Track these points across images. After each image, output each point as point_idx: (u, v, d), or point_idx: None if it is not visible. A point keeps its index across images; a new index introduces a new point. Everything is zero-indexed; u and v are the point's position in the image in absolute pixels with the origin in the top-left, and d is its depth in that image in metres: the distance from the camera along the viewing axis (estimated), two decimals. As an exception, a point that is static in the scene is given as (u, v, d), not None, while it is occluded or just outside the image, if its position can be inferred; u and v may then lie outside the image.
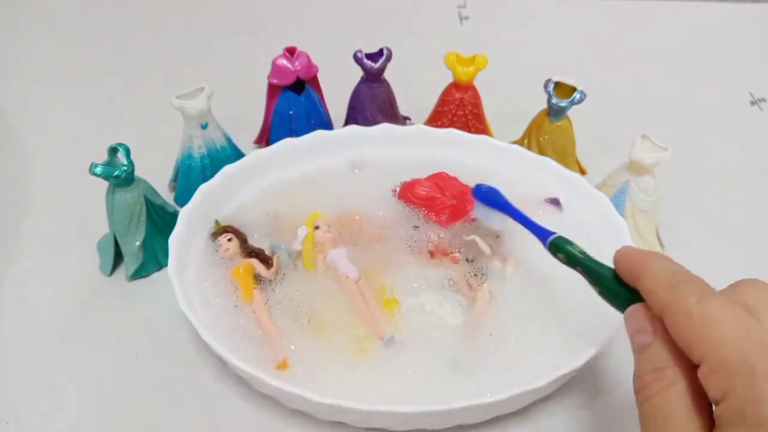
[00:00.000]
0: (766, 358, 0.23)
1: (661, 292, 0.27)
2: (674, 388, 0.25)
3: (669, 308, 0.26)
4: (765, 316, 0.25)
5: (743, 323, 0.24)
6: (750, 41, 0.75)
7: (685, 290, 0.26)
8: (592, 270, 0.32)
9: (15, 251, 0.48)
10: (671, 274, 0.27)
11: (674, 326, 0.26)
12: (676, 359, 0.25)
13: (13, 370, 0.40)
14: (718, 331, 0.24)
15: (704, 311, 0.25)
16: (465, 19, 0.76)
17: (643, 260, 0.29)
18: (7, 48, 0.71)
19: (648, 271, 0.28)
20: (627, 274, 0.30)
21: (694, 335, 0.24)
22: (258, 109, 0.55)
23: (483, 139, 0.50)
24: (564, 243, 0.35)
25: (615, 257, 0.31)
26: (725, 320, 0.24)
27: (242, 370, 0.35)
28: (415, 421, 0.35)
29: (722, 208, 0.53)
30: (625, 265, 0.30)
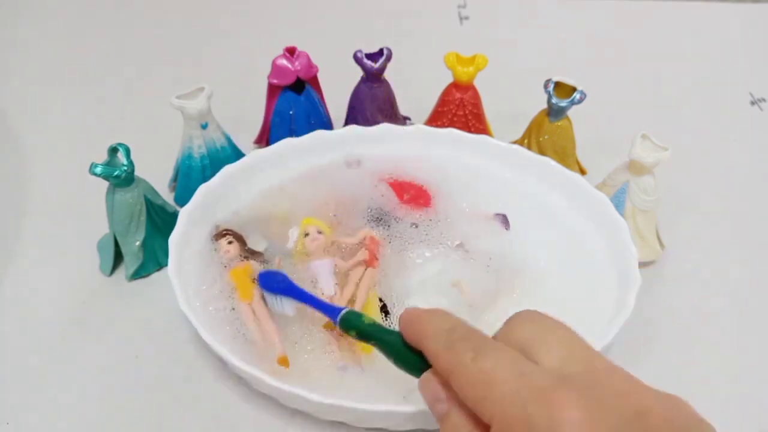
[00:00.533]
0: (542, 409, 0.22)
1: (441, 353, 0.26)
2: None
3: (450, 372, 0.26)
4: (540, 350, 0.25)
5: (516, 370, 0.24)
6: (750, 41, 0.75)
7: (461, 349, 0.26)
8: (382, 340, 0.31)
9: (15, 251, 0.48)
10: (447, 332, 0.27)
11: (459, 389, 0.25)
12: (475, 422, 0.25)
13: (13, 370, 0.40)
14: (495, 388, 0.24)
15: (480, 369, 0.24)
16: (465, 19, 0.76)
17: (423, 320, 0.28)
18: (7, 48, 0.71)
19: (427, 332, 0.27)
20: (412, 338, 0.29)
21: (478, 396, 0.24)
22: (258, 109, 0.55)
23: (483, 139, 0.50)
24: (354, 317, 0.33)
25: (399, 320, 0.30)
26: (500, 374, 0.24)
27: (242, 370, 0.35)
28: (415, 421, 0.35)
29: (722, 208, 0.53)
30: (408, 327, 0.29)
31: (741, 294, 0.46)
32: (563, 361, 0.25)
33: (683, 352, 0.42)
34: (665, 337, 0.43)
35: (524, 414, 0.23)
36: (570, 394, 0.22)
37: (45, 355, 0.41)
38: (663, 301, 0.45)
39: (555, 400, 0.22)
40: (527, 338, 0.26)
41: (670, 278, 0.47)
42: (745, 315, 0.45)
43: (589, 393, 0.23)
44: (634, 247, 0.41)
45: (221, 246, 0.43)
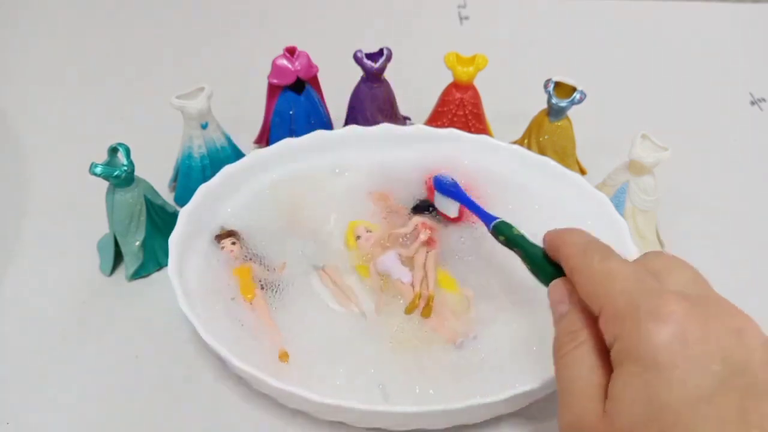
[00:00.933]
0: (652, 301, 0.24)
1: (573, 256, 0.29)
2: (584, 347, 0.27)
3: (577, 269, 0.29)
4: (666, 275, 0.27)
5: (636, 275, 0.26)
6: (750, 41, 0.75)
7: (592, 252, 0.29)
8: (526, 249, 0.35)
9: (15, 251, 0.48)
10: (584, 242, 0.30)
11: (580, 284, 0.28)
12: (588, 322, 0.28)
13: (13, 370, 0.40)
14: (614, 283, 0.26)
15: (604, 268, 0.27)
16: (465, 19, 0.76)
17: (564, 234, 0.31)
18: (7, 48, 0.71)
19: (565, 242, 0.31)
20: (550, 248, 0.32)
21: (595, 289, 0.27)
22: (258, 109, 0.55)
23: (483, 139, 0.50)
24: (505, 227, 0.37)
25: (544, 237, 0.33)
26: (621, 274, 0.26)
27: (242, 370, 0.35)
28: (415, 421, 0.35)
29: (722, 208, 0.53)
30: (551, 238, 0.32)
31: (741, 294, 0.46)
32: (683, 284, 0.27)
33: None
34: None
35: (633, 301, 0.25)
36: (679, 296, 0.25)
37: (45, 355, 0.41)
38: (663, 301, 0.45)
39: (664, 297, 0.24)
40: (657, 266, 0.28)
41: (670, 278, 0.47)
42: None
43: (697, 303, 0.25)
44: (634, 247, 0.41)
45: (225, 246, 0.43)
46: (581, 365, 0.26)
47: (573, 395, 0.26)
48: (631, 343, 0.24)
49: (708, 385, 0.22)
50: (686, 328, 0.23)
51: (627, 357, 0.24)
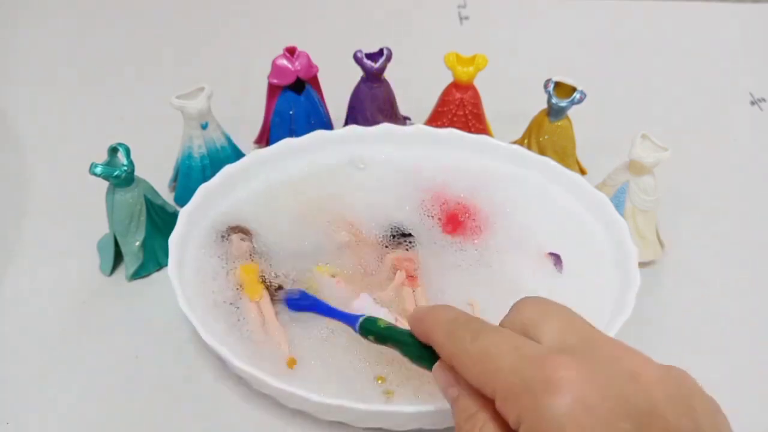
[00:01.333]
0: (539, 373, 0.23)
1: (443, 342, 0.28)
2: (487, 428, 0.25)
3: (453, 356, 0.27)
4: (539, 329, 0.26)
5: (512, 346, 0.25)
6: (750, 41, 0.75)
7: (461, 334, 0.27)
8: (397, 341, 0.32)
9: (15, 251, 0.48)
10: (449, 321, 0.28)
11: (462, 371, 0.27)
12: (482, 403, 0.26)
13: (13, 370, 0.40)
14: (494, 363, 0.25)
15: (478, 348, 0.26)
16: (465, 19, 0.76)
17: (429, 314, 0.30)
18: (7, 48, 0.71)
19: (432, 326, 0.29)
20: (420, 333, 0.30)
21: (479, 373, 0.26)
22: (258, 109, 0.55)
23: (483, 139, 0.50)
24: (371, 324, 0.34)
25: (408, 319, 0.31)
26: (497, 350, 0.25)
27: (242, 370, 0.35)
28: (415, 421, 0.35)
29: (722, 208, 0.53)
30: (416, 323, 0.30)
31: (741, 294, 0.46)
32: (561, 335, 0.26)
33: (683, 352, 0.42)
34: (665, 337, 0.43)
35: (521, 379, 0.24)
36: (564, 357, 0.24)
37: (45, 355, 0.41)
38: (663, 301, 0.45)
39: (550, 363, 0.23)
40: (529, 319, 0.27)
41: (670, 278, 0.47)
42: (746, 315, 0.45)
43: (584, 357, 0.24)
44: (634, 247, 0.41)
45: (233, 241, 0.43)
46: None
47: None
48: (536, 422, 0.23)
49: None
50: (582, 391, 0.22)
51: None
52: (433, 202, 0.47)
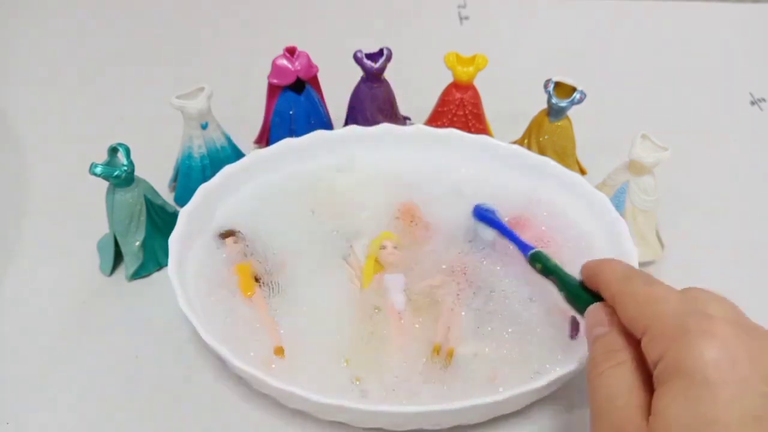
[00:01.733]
0: (700, 322, 0.25)
1: (615, 282, 0.30)
2: (624, 366, 0.27)
3: (620, 294, 0.29)
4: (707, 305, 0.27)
5: (682, 299, 0.27)
6: (750, 41, 0.75)
7: (634, 278, 0.30)
8: (561, 277, 0.36)
9: (15, 251, 0.48)
10: (625, 269, 0.31)
11: (624, 308, 0.28)
12: (628, 344, 0.28)
13: (13, 370, 0.41)
14: (659, 306, 0.27)
15: (650, 291, 0.28)
16: (465, 19, 0.76)
17: (603, 263, 0.33)
18: (6, 48, 0.71)
19: (605, 269, 0.31)
20: (589, 275, 0.33)
21: (640, 312, 0.27)
22: (258, 109, 0.55)
23: (483, 139, 0.50)
24: (542, 256, 0.38)
25: (582, 267, 0.34)
26: (668, 297, 0.27)
27: (242, 370, 0.35)
28: (415, 421, 0.35)
29: (722, 208, 0.53)
30: (590, 267, 0.33)
31: (741, 294, 0.46)
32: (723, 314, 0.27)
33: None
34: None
35: (681, 323, 0.25)
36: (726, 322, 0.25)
37: (45, 355, 0.41)
38: (663, 301, 0.45)
39: (713, 320, 0.25)
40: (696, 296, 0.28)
41: (670, 278, 0.47)
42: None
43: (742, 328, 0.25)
44: (634, 247, 0.41)
45: (227, 244, 0.43)
46: (621, 383, 0.26)
47: (612, 413, 0.26)
48: (680, 359, 0.24)
49: (758, 406, 0.23)
50: (735, 349, 0.24)
51: (674, 373, 0.24)
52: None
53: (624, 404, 0.26)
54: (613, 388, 0.27)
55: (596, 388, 0.27)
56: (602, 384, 0.27)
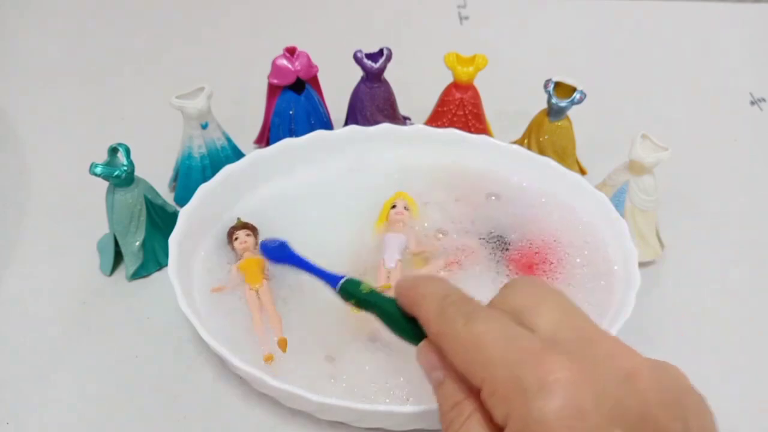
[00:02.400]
0: (531, 372, 0.22)
1: (432, 320, 0.26)
2: (473, 419, 0.24)
3: (441, 336, 0.26)
4: (533, 316, 0.25)
5: (507, 334, 0.24)
6: (750, 41, 0.75)
7: (453, 314, 0.26)
8: (380, 308, 0.31)
9: (15, 251, 0.48)
10: (440, 298, 0.27)
11: (450, 354, 0.25)
12: (469, 389, 0.25)
13: (13, 370, 0.41)
14: (485, 352, 0.24)
15: (470, 333, 0.24)
16: (465, 19, 0.76)
17: (419, 286, 0.28)
18: (7, 48, 0.71)
19: (421, 300, 0.27)
20: (406, 305, 0.29)
21: (468, 360, 0.24)
22: (258, 109, 0.55)
23: (483, 139, 0.50)
24: (353, 286, 0.33)
25: (395, 287, 0.30)
26: (490, 337, 0.24)
27: (242, 370, 0.35)
28: (415, 421, 0.35)
29: (722, 208, 0.53)
30: (403, 293, 0.29)
31: (741, 294, 0.46)
32: (556, 326, 0.25)
33: (683, 352, 0.42)
34: (665, 337, 0.43)
35: (513, 375, 0.22)
36: (559, 356, 0.22)
37: (45, 355, 0.41)
38: (663, 301, 0.45)
39: (544, 361, 0.22)
40: (522, 304, 0.26)
41: (670, 278, 0.47)
42: (745, 315, 0.45)
43: (579, 355, 0.23)
44: (634, 247, 0.41)
45: (239, 236, 0.43)
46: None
47: None
48: (524, 425, 0.22)
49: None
50: (577, 394, 0.21)
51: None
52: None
53: None
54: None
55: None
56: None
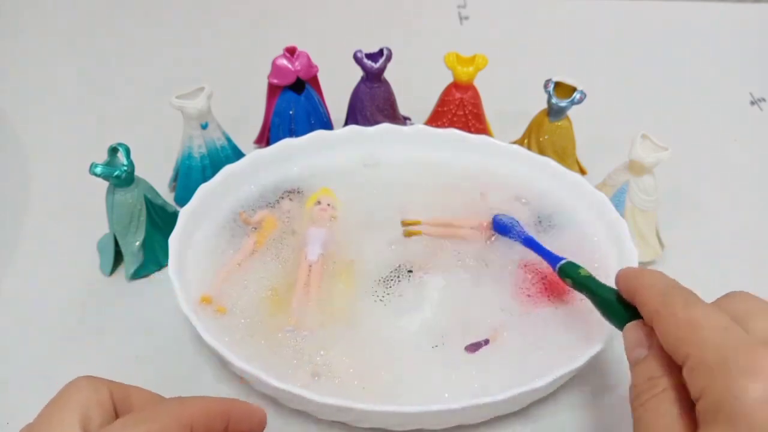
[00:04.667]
0: (743, 354, 0.23)
1: (653, 301, 0.29)
2: (666, 395, 0.26)
3: (659, 315, 0.28)
4: (752, 321, 0.26)
5: (722, 324, 0.25)
6: (750, 41, 0.75)
7: (674, 298, 0.28)
8: (595, 292, 0.34)
9: (15, 251, 0.48)
10: (664, 285, 0.29)
11: (663, 331, 0.27)
12: (668, 369, 0.27)
13: (13, 370, 0.41)
14: (699, 333, 0.25)
15: (689, 315, 0.26)
16: (465, 19, 0.76)
17: (640, 275, 0.31)
18: (6, 48, 0.71)
19: (643, 284, 0.30)
20: (625, 291, 0.31)
21: (679, 337, 0.26)
22: (258, 109, 0.55)
23: (483, 139, 0.50)
24: (571, 268, 0.37)
25: (617, 276, 0.32)
26: (707, 323, 0.26)
27: (242, 370, 0.35)
28: (415, 421, 0.35)
29: (722, 208, 0.53)
30: (626, 279, 0.31)
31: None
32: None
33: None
34: (665, 337, 0.43)
35: (722, 357, 0.24)
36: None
37: (45, 355, 0.41)
38: (663, 301, 0.45)
39: (756, 351, 0.23)
40: (741, 309, 0.27)
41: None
42: None
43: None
44: (634, 247, 0.41)
45: (282, 205, 0.46)
46: (664, 415, 0.25)
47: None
48: (722, 399, 0.23)
49: None
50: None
51: (717, 414, 0.23)
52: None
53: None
54: (655, 419, 0.26)
55: (638, 419, 0.27)
56: (645, 414, 0.26)
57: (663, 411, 0.26)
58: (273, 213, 0.46)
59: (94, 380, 0.27)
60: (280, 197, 0.47)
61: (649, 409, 0.26)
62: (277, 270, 0.42)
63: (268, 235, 0.44)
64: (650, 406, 0.26)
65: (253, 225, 0.45)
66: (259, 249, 0.43)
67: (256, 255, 0.43)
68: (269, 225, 0.45)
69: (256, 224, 0.45)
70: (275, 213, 0.46)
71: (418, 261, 0.43)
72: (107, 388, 0.27)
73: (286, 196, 0.47)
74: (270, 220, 0.45)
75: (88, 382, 0.27)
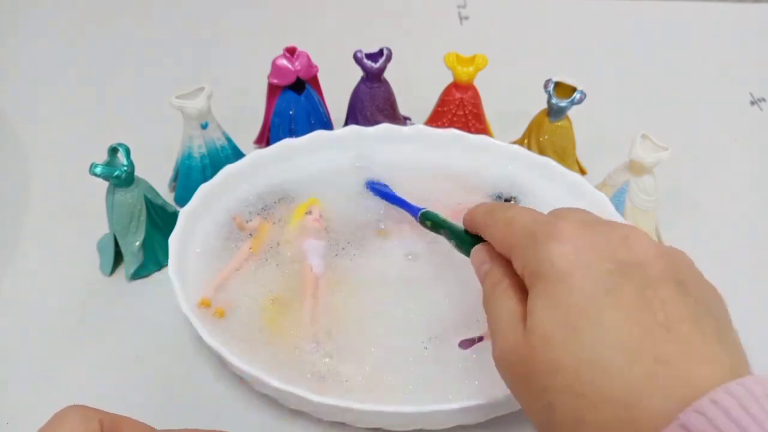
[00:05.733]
0: (546, 227, 0.28)
1: (482, 218, 0.33)
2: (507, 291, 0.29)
3: (485, 226, 0.33)
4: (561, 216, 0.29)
5: (531, 215, 0.30)
6: (750, 41, 0.75)
7: (497, 209, 0.33)
8: (449, 228, 0.38)
9: (15, 251, 0.48)
10: (490, 205, 0.34)
11: (491, 237, 0.32)
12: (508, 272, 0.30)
13: (13, 370, 0.41)
14: (514, 225, 0.30)
15: (505, 215, 0.31)
16: (465, 19, 0.76)
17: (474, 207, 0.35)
18: (6, 48, 0.71)
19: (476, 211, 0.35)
20: (467, 221, 0.36)
21: (503, 235, 0.31)
22: (258, 109, 0.55)
23: (483, 139, 0.50)
24: (430, 214, 0.41)
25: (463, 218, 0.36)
26: (520, 217, 0.30)
27: (242, 370, 0.35)
28: (415, 421, 0.35)
29: (722, 208, 0.53)
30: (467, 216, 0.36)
31: (741, 294, 0.46)
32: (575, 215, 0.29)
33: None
34: (665, 337, 0.43)
35: (531, 233, 0.28)
36: (569, 222, 0.28)
37: (45, 355, 0.41)
38: (663, 301, 0.45)
39: (557, 224, 0.28)
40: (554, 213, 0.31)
41: (670, 278, 0.47)
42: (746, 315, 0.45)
43: (586, 225, 0.28)
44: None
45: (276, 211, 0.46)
46: (505, 304, 0.29)
47: (499, 330, 0.28)
48: (536, 264, 0.27)
49: (605, 280, 0.25)
50: (578, 241, 0.26)
51: (535, 278, 0.27)
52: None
53: (507, 318, 0.28)
54: (498, 309, 0.29)
55: (488, 316, 0.30)
56: (491, 310, 0.30)
57: (504, 300, 0.29)
58: (268, 220, 0.45)
59: (85, 410, 0.28)
60: (274, 202, 0.46)
61: (494, 304, 0.29)
62: (275, 276, 0.42)
63: (264, 241, 0.44)
64: (494, 301, 0.30)
65: (249, 231, 0.44)
66: (256, 254, 0.43)
67: (253, 261, 0.43)
68: (264, 231, 0.44)
69: (251, 230, 0.45)
70: (270, 219, 0.45)
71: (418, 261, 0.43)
72: (98, 418, 0.28)
73: (280, 202, 0.46)
74: (264, 226, 0.45)
75: (79, 411, 0.28)
